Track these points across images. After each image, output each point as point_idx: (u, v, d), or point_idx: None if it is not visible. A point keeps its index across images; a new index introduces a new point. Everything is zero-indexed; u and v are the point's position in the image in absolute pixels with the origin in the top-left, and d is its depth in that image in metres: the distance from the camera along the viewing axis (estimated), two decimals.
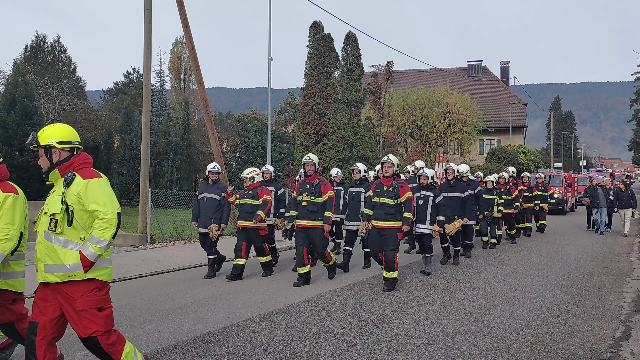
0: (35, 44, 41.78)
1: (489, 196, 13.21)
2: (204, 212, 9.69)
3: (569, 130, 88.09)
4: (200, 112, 40.40)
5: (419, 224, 9.86)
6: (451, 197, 11.09)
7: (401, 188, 8.56)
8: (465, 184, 11.42)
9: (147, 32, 14.11)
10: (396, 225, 8.43)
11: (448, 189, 11.20)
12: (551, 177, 26.04)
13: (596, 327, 6.37)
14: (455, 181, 11.28)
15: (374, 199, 8.58)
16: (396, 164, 8.71)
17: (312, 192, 8.83)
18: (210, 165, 10.04)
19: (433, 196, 9.87)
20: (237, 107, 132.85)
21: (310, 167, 9.01)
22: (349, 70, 31.05)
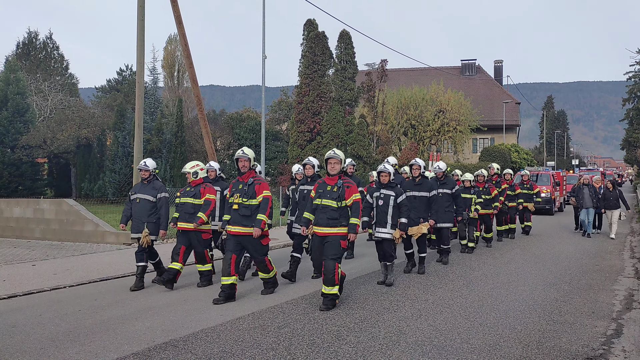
0: (27, 41, 41.53)
1: (467, 195, 12.35)
2: (136, 215, 8.67)
3: (562, 129, 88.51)
4: (194, 110, 40.29)
5: (379, 227, 8.56)
6: (416, 197, 9.77)
7: (347, 189, 7.36)
8: (432, 183, 10.13)
9: (141, 29, 14.04)
10: (340, 232, 7.25)
11: (413, 188, 9.85)
12: (539, 175, 25.41)
13: (588, 325, 6.40)
14: (422, 179, 9.96)
15: (315, 201, 7.43)
16: (343, 160, 7.66)
17: (244, 193, 7.62)
18: (141, 163, 8.96)
19: (394, 196, 8.57)
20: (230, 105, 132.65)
21: (244, 164, 7.74)
22: (343, 68, 31.04)
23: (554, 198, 24.89)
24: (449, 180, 11.16)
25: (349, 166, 10.63)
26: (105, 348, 5.50)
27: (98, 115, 34.54)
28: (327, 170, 7.53)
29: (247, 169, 7.75)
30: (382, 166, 8.77)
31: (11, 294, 8.18)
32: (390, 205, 8.51)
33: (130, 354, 5.30)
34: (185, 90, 46.14)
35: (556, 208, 25.67)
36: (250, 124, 34.15)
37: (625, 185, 65.38)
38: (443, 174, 11.11)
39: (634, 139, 55.64)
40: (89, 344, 5.65)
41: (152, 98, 36.24)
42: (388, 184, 8.65)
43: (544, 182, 24.64)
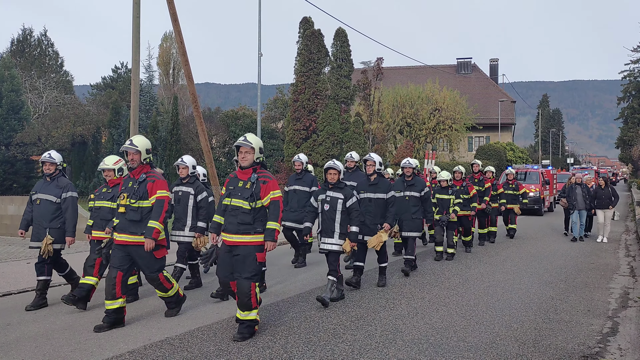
0: (21, 38, 41.34)
1: (444, 196, 11.08)
2: (37, 220, 7.15)
3: (557, 128, 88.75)
4: (189, 108, 40.22)
5: (325, 237, 7.29)
6: (371, 199, 8.14)
7: (264, 184, 5.84)
8: (389, 183, 8.47)
9: (136, 27, 13.98)
10: (254, 241, 5.76)
11: (368, 189, 8.22)
12: (527, 173, 23.92)
13: (584, 323, 6.41)
14: (377, 177, 8.25)
15: (225, 200, 5.94)
16: (258, 148, 5.93)
17: (133, 193, 6.20)
18: (45, 154, 7.36)
19: (343, 198, 7.27)
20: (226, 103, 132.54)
21: (134, 157, 6.23)
22: (339, 66, 31.02)
23: (543, 197, 23.49)
24: (418, 181, 9.46)
25: (349, 161, 9.92)
26: (101, 346, 5.47)
27: (93, 113, 34.42)
28: (238, 161, 6.02)
29: (137, 163, 6.23)
30: (332, 162, 7.38)
31: (6, 291, 8.14)
32: (338, 210, 7.24)
33: (127, 351, 5.28)
34: (181, 88, 46.03)
35: (545, 208, 24.26)
36: (245, 122, 34.10)
37: (619, 184, 65.62)
38: (413, 172, 9.51)
39: (628, 137, 55.92)
40: (85, 342, 5.62)
41: (147, 95, 36.13)
42: (336, 184, 7.31)
43: (533, 181, 23.26)
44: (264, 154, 6.06)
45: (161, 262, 6.38)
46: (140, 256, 6.19)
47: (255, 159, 5.90)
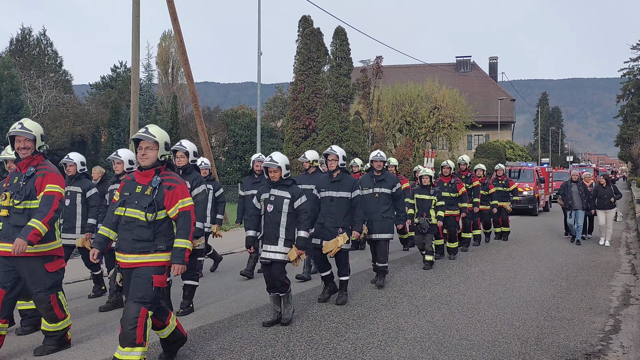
0: (20, 37, 41.30)
1: (424, 196, 9.74)
2: None
3: (556, 126, 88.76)
4: (188, 107, 40.18)
5: (267, 244, 6.08)
6: (333, 199, 7.12)
7: (169, 190, 4.67)
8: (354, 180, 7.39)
9: (136, 25, 13.97)
10: (155, 261, 4.60)
11: (329, 187, 7.21)
12: (521, 171, 22.65)
13: (586, 321, 6.41)
14: (341, 173, 7.22)
15: (118, 210, 4.73)
16: (163, 143, 4.79)
17: (17, 192, 5.03)
18: None
19: (290, 198, 6.10)
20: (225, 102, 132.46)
21: (26, 145, 5.07)
22: (338, 65, 31.00)
23: (538, 196, 22.27)
24: (389, 176, 8.30)
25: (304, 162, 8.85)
26: (103, 345, 5.47)
27: (92, 112, 34.40)
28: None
29: (30, 152, 5.07)
30: (270, 158, 6.20)
31: None
32: (283, 211, 6.06)
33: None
34: (180, 87, 46.03)
35: (540, 207, 22.98)
36: (245, 121, 34.08)
37: (618, 182, 65.66)
38: (383, 166, 8.30)
39: (628, 135, 55.95)
40: (86, 341, 5.61)
41: (146, 95, 36.12)
42: (282, 181, 6.14)
43: (527, 179, 22.06)
44: (169, 151, 4.98)
45: (55, 278, 5.11)
46: (28, 268, 4.98)
47: (160, 157, 4.73)
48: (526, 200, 21.21)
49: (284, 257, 6.08)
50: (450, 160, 11.39)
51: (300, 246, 6.12)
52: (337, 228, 7.05)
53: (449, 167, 11.13)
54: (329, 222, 7.10)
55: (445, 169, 11.14)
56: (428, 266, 9.72)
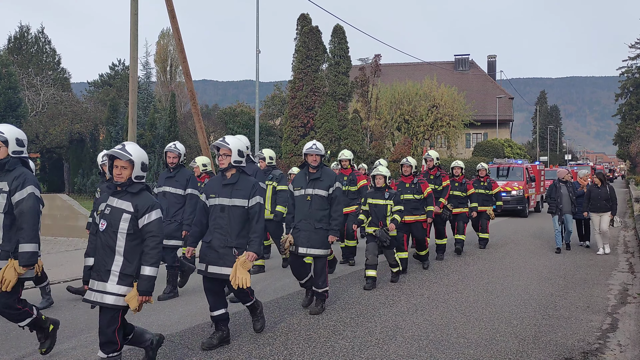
0: (19, 35, 41.22)
1: (378, 200, 8.10)
2: None
3: (555, 124, 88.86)
4: (187, 105, 40.16)
5: (96, 279, 4.41)
6: (225, 208, 5.42)
7: None
8: (255, 181, 5.65)
9: (134, 23, 13.93)
10: None
11: (220, 191, 5.48)
12: (510, 169, 21.32)
13: (583, 319, 6.43)
14: (237, 174, 5.47)
15: None
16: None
17: None
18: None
19: (132, 212, 4.36)
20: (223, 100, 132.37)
21: None
22: (337, 63, 31.02)
23: (528, 196, 20.73)
24: (326, 174, 6.65)
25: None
26: None
27: (91, 110, 34.37)
28: None
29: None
30: (118, 148, 4.44)
31: None
32: (120, 231, 4.35)
33: (127, 348, 5.27)
34: (178, 85, 46.00)
35: (531, 208, 21.46)
36: (243, 119, 34.09)
37: (617, 181, 65.76)
38: (320, 161, 6.65)
39: (626, 134, 56.07)
40: (85, 338, 5.61)
41: (145, 93, 36.08)
42: (128, 185, 4.42)
43: (517, 177, 20.78)
44: None
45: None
46: None
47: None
48: (515, 201, 20.00)
49: (115, 302, 4.29)
50: (411, 158, 9.68)
51: (143, 289, 4.26)
52: (230, 248, 5.26)
53: (410, 165, 9.39)
54: (217, 239, 5.29)
55: (405, 167, 9.41)
56: (395, 277, 8.42)
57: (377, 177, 8.12)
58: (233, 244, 5.29)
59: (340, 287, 8.10)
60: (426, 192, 9.34)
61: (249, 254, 5.21)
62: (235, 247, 5.28)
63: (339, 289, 7.92)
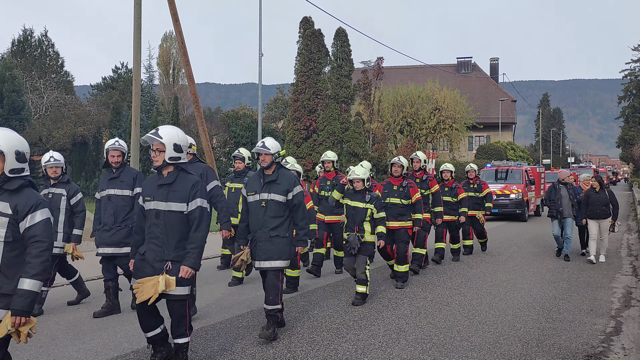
0: (22, 38, 41.39)
1: (357, 203, 7.25)
2: None
3: (557, 127, 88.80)
4: (189, 108, 40.25)
5: None
6: (160, 214, 4.63)
7: None
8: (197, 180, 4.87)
9: (137, 27, 13.98)
10: None
11: (156, 193, 4.69)
12: (509, 171, 20.63)
13: (587, 322, 6.41)
14: (175, 171, 4.75)
15: None
16: None
17: None
18: None
19: (10, 216, 3.59)
20: (226, 103, 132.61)
21: None
22: (339, 66, 31.06)
23: (527, 200, 19.95)
24: (284, 176, 5.81)
25: None
26: (106, 346, 5.48)
27: (94, 113, 34.46)
28: None
29: None
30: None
31: None
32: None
33: (131, 351, 5.28)
34: (181, 88, 46.10)
35: (531, 212, 20.76)
36: (246, 122, 34.13)
37: (620, 184, 65.58)
38: (273, 161, 5.76)
39: (629, 136, 56.00)
40: (89, 342, 5.62)
41: (148, 96, 36.17)
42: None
43: (516, 180, 20.10)
44: None
45: None
46: None
47: None
48: (514, 204, 19.36)
49: None
50: (402, 157, 8.71)
51: (18, 308, 3.42)
52: (164, 262, 4.56)
53: (401, 166, 8.48)
54: (152, 250, 4.60)
55: (395, 167, 8.49)
56: (359, 300, 7.13)
57: (355, 182, 7.33)
58: (170, 257, 4.56)
59: (342, 289, 8.10)
60: (415, 197, 8.43)
61: (183, 270, 4.47)
62: (173, 260, 4.56)
63: (341, 292, 7.92)
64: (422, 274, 9.42)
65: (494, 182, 20.17)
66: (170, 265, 4.54)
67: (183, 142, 4.70)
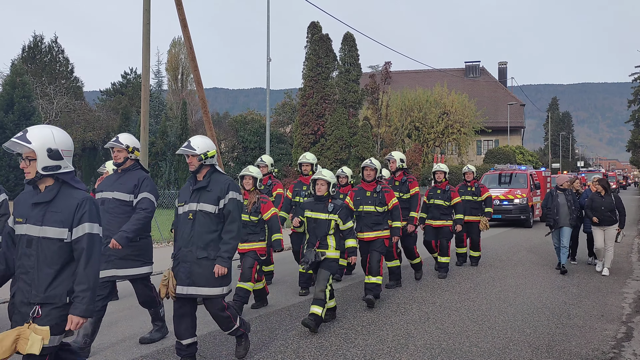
0: (32, 45, 41.77)
1: (319, 214, 6.25)
2: None
3: (567, 131, 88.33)
4: (198, 113, 40.41)
5: None
6: (32, 242, 3.46)
7: None
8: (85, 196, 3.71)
9: (146, 33, 14.07)
10: None
11: (30, 213, 3.55)
12: (513, 175, 19.97)
13: (598, 328, 6.36)
14: (53, 187, 3.58)
15: None
16: None
17: None
18: None
19: None
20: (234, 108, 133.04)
21: None
22: (347, 70, 31.10)
23: (532, 205, 19.14)
24: (216, 182, 4.88)
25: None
26: (115, 351, 5.49)
27: (103, 119, 34.69)
28: None
29: None
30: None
31: None
32: None
33: (139, 356, 5.30)
34: (189, 93, 46.28)
35: (536, 217, 19.67)
36: (254, 127, 34.23)
37: (630, 188, 65.06)
38: (201, 165, 4.86)
39: (639, 140, 55.53)
40: (98, 346, 5.64)
41: (156, 101, 36.37)
42: None
43: (520, 184, 19.46)
44: None
45: None
46: None
47: None
48: (518, 210, 18.56)
49: None
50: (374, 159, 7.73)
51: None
52: (31, 306, 3.41)
53: (374, 169, 7.46)
54: (20, 292, 3.46)
55: (367, 171, 7.46)
56: (311, 322, 5.94)
57: (319, 184, 6.20)
58: (38, 300, 3.40)
59: (351, 294, 8.08)
60: (391, 203, 7.43)
61: (71, 320, 3.39)
62: (42, 304, 3.39)
63: (350, 297, 7.90)
64: (430, 279, 9.38)
65: (498, 186, 19.61)
66: (40, 310, 3.37)
67: (63, 145, 3.55)
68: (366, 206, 7.38)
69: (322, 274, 6.16)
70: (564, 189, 10.33)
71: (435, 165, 9.83)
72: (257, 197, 6.68)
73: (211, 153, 4.88)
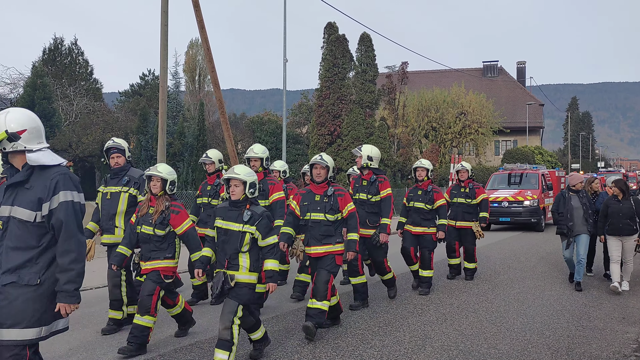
0: (53, 47, 42.34)
1: (231, 224, 4.95)
2: None
3: (587, 131, 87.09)
4: (215, 114, 40.66)
5: None
6: None
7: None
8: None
9: (164, 34, 14.19)
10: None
11: None
12: (523, 175, 18.93)
13: (619, 331, 6.26)
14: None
15: None
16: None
17: None
18: None
19: None
20: (251, 109, 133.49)
21: None
22: (364, 71, 31.03)
23: (544, 207, 17.85)
24: (40, 177, 3.38)
25: None
26: None
27: (122, 120, 35.01)
28: None
29: None
30: None
31: None
32: None
33: (157, 355, 5.33)
34: (206, 94, 46.60)
35: (548, 220, 17.72)
36: (271, 127, 34.31)
37: None
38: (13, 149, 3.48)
39: None
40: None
41: (174, 102, 36.60)
42: None
43: (531, 185, 18.45)
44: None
45: None
46: None
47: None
48: (528, 212, 17.40)
49: None
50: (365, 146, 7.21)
51: None
52: None
53: (325, 167, 6.07)
54: None
55: (318, 169, 6.11)
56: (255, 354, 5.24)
57: (232, 184, 4.91)
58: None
59: (368, 295, 8.04)
60: (347, 210, 6.06)
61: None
62: None
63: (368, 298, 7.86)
64: (447, 280, 9.30)
65: (507, 187, 18.67)
66: None
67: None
68: (314, 213, 5.98)
69: (228, 306, 4.76)
70: (577, 190, 8.87)
71: (417, 162, 8.39)
72: (167, 204, 5.46)
73: (15, 130, 3.32)
